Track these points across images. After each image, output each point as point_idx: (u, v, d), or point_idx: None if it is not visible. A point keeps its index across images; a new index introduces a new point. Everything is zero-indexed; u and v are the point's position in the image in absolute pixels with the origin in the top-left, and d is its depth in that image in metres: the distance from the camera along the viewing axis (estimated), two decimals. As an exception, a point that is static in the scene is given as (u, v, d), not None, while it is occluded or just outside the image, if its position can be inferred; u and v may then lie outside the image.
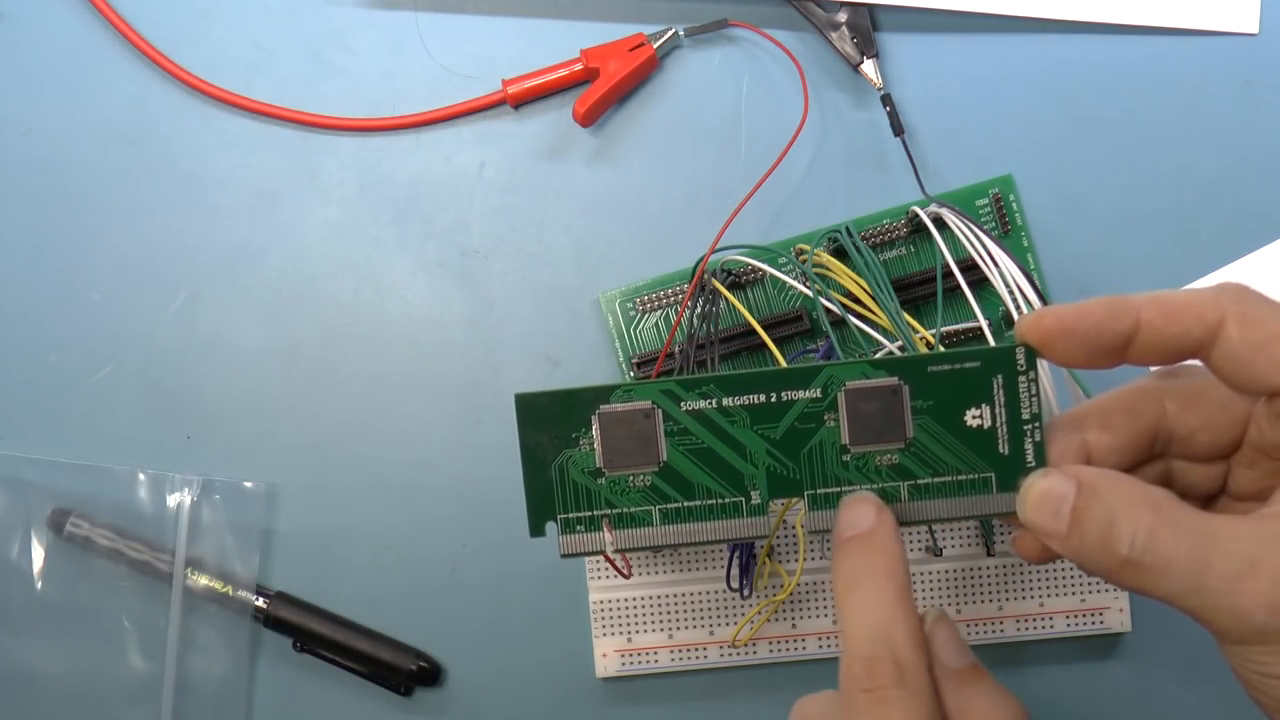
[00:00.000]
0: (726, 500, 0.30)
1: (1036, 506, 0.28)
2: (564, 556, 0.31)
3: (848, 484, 0.30)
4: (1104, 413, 0.29)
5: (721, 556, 0.45)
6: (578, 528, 0.31)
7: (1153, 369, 0.30)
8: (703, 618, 0.45)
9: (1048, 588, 0.45)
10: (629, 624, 0.45)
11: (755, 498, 0.30)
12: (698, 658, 0.45)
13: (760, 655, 0.45)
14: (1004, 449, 0.30)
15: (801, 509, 0.44)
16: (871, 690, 0.27)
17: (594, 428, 0.30)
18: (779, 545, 0.45)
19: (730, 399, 0.30)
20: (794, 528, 0.44)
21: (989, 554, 0.44)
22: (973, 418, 0.30)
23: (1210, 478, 0.30)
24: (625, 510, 0.31)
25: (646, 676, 0.46)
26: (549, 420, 0.30)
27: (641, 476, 0.30)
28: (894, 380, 0.30)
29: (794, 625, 0.45)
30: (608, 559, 0.43)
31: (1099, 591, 0.45)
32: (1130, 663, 0.46)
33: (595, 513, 0.31)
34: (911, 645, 0.27)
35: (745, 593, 0.43)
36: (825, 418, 0.30)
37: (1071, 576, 0.45)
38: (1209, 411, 0.29)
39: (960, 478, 0.30)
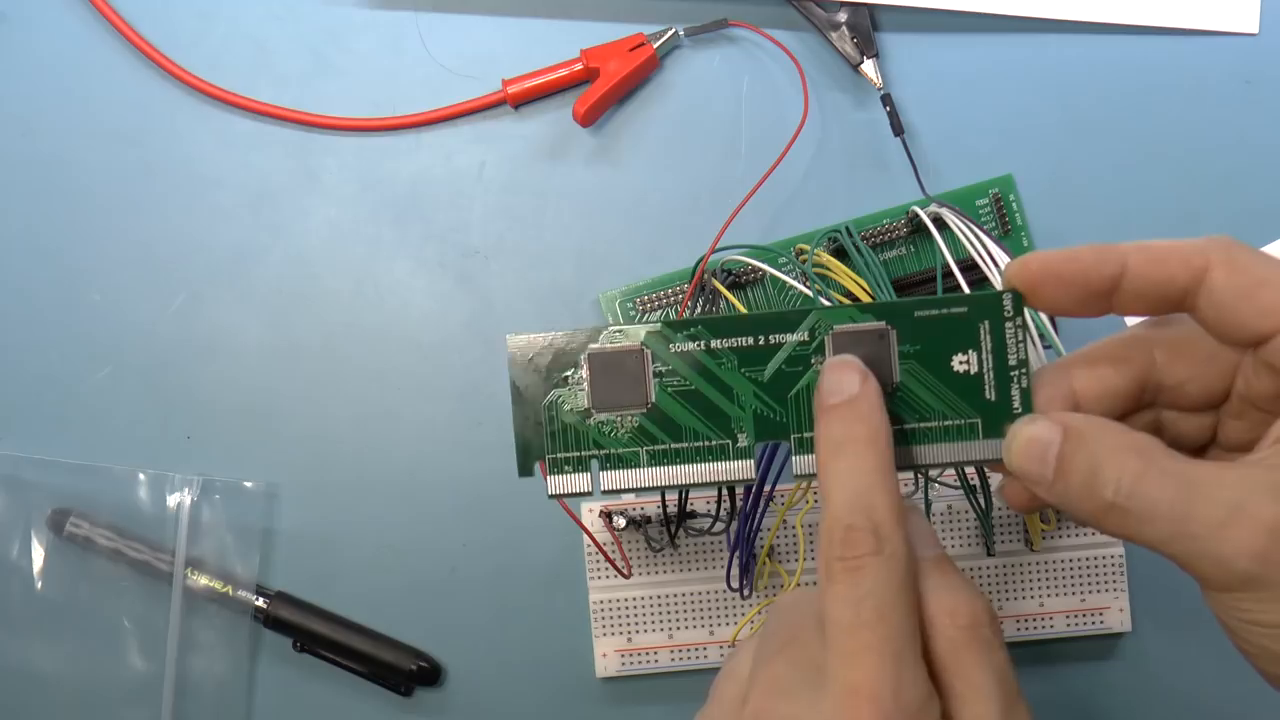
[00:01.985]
0: (713, 443, 0.30)
1: (1023, 452, 0.28)
2: (551, 497, 0.31)
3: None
4: (1091, 361, 0.29)
5: (721, 556, 0.45)
6: (566, 468, 0.30)
7: (1142, 319, 0.30)
8: (703, 618, 0.45)
9: (1048, 588, 0.45)
10: (629, 624, 0.45)
11: (742, 440, 0.30)
12: (698, 658, 0.45)
13: (760, 655, 0.45)
14: (990, 395, 0.29)
15: (804, 507, 0.44)
16: (848, 559, 0.27)
17: (583, 368, 0.30)
18: (779, 545, 0.45)
19: (718, 341, 0.30)
20: (794, 527, 0.44)
21: (989, 554, 0.44)
22: (959, 363, 0.29)
23: (1200, 428, 0.30)
24: (613, 451, 0.30)
25: (646, 676, 0.46)
26: (538, 359, 0.30)
27: (630, 417, 0.30)
28: (881, 324, 0.29)
29: (794, 625, 0.45)
30: (608, 559, 0.43)
31: (1099, 591, 0.45)
32: (1130, 663, 0.46)
33: (584, 453, 0.30)
34: (892, 515, 0.27)
35: (745, 593, 0.43)
36: (813, 361, 0.30)
37: (1071, 576, 0.45)
38: (1197, 362, 0.29)
39: (946, 423, 0.29)
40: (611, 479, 0.30)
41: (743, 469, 0.30)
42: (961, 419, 0.29)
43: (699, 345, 0.30)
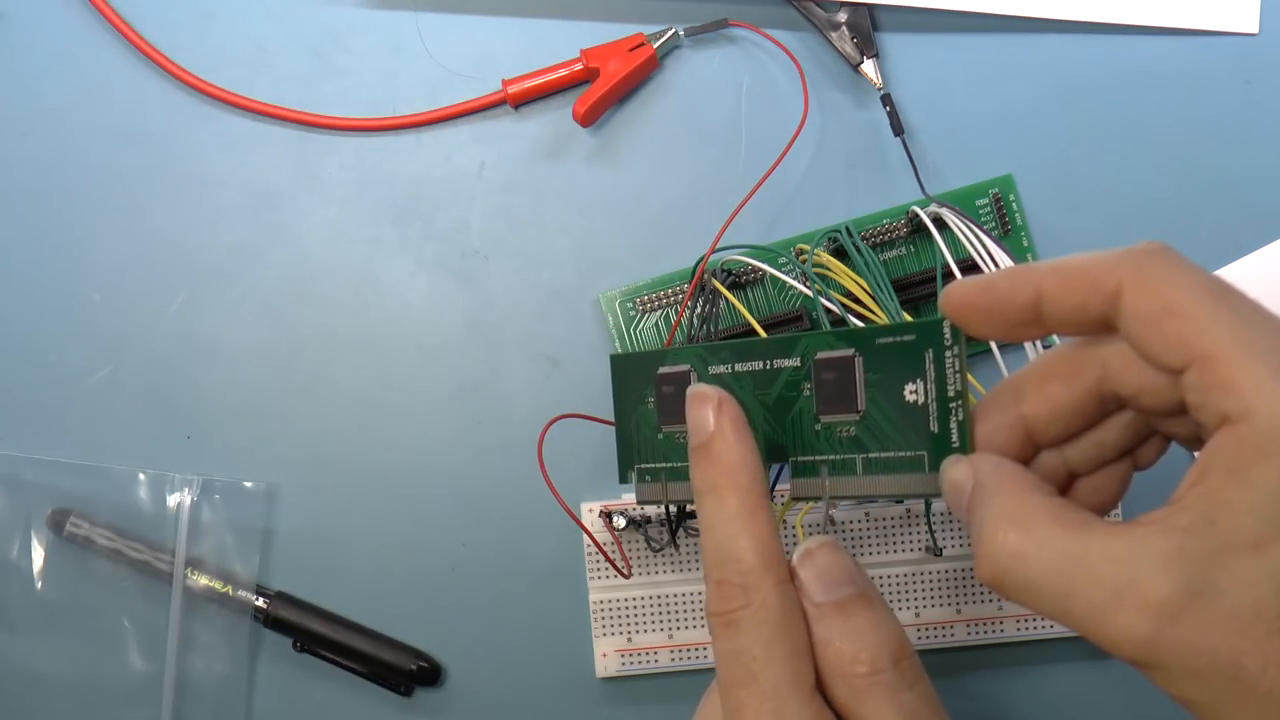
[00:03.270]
0: None
1: (948, 496, 0.26)
2: (640, 502, 0.33)
3: (818, 454, 0.30)
4: (1042, 379, 0.27)
5: (721, 556, 0.45)
6: (647, 477, 0.33)
7: None
8: (702, 618, 0.45)
9: (1048, 588, 0.45)
10: (629, 624, 0.45)
11: None
12: (698, 658, 0.45)
13: (760, 655, 0.45)
14: (934, 427, 0.28)
15: (803, 508, 0.44)
16: (719, 613, 0.26)
17: (654, 386, 0.33)
18: (779, 545, 0.45)
19: (740, 365, 0.31)
20: (794, 527, 0.44)
21: (989, 554, 0.44)
22: (910, 392, 0.28)
23: (1187, 424, 0.26)
24: (675, 465, 0.32)
25: (646, 676, 0.46)
26: (630, 377, 0.33)
27: (683, 434, 0.32)
28: (850, 351, 0.29)
29: (794, 625, 0.45)
30: (608, 559, 0.43)
31: (1099, 591, 0.45)
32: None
33: (658, 465, 0.33)
34: (758, 562, 0.26)
35: (745, 593, 0.43)
36: (803, 386, 0.30)
37: (1071, 576, 0.45)
38: (1148, 374, 0.25)
39: (901, 454, 0.29)
40: (675, 490, 0.32)
41: None
42: (912, 451, 0.28)
43: (728, 369, 0.31)
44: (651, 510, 0.44)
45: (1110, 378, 0.26)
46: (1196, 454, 0.23)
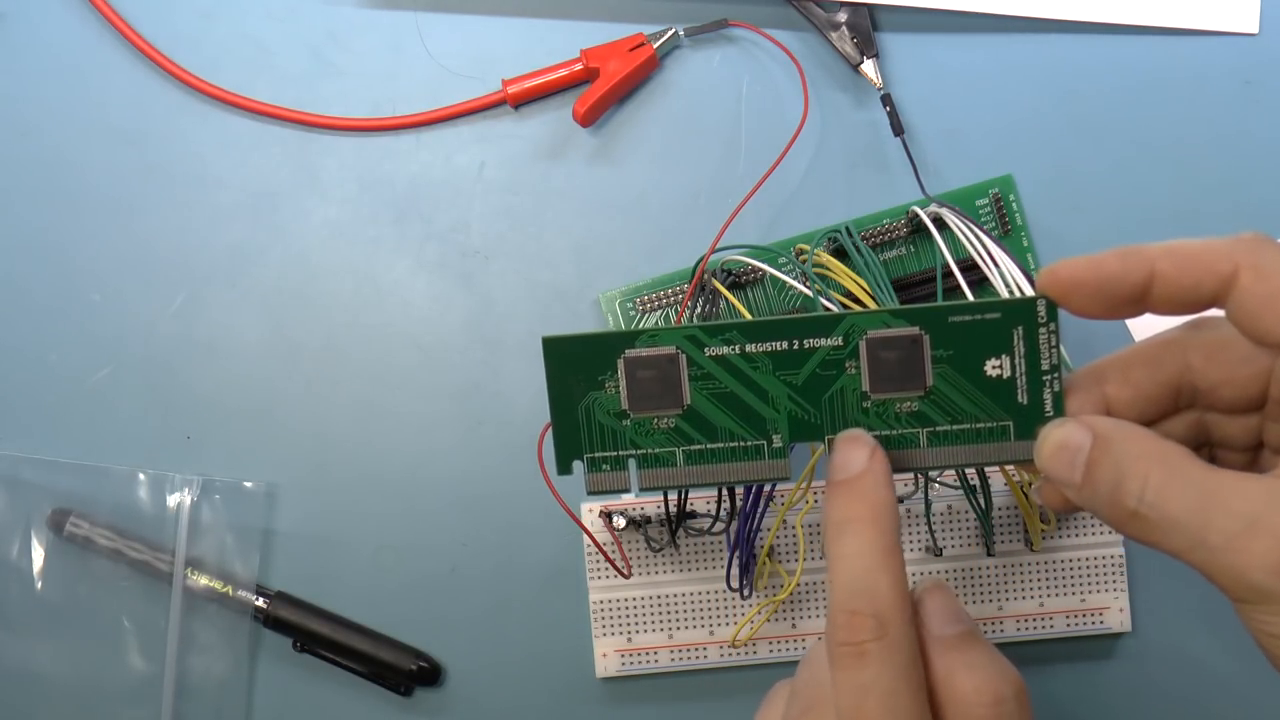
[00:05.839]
0: (749, 443, 0.31)
1: (1053, 455, 0.28)
2: (590, 494, 0.32)
3: (868, 430, 0.30)
4: (1125, 365, 0.29)
5: (721, 556, 0.45)
6: (604, 466, 0.31)
7: (1180, 320, 0.30)
8: (703, 618, 0.45)
9: (1048, 588, 0.45)
10: (629, 624, 0.45)
11: (777, 441, 0.31)
12: (698, 658, 0.45)
13: (760, 655, 0.45)
14: (1023, 398, 0.30)
15: (803, 508, 0.44)
16: (850, 644, 0.27)
17: (619, 371, 0.31)
18: (779, 545, 0.45)
19: (753, 345, 0.31)
20: (794, 527, 0.44)
21: (989, 554, 0.44)
22: (992, 367, 0.30)
23: (1245, 430, 0.29)
24: (650, 451, 0.31)
25: (646, 676, 0.46)
26: (575, 363, 0.31)
27: (665, 419, 0.31)
28: (915, 330, 0.30)
29: (794, 625, 0.45)
30: (608, 559, 0.43)
31: (1099, 591, 0.45)
32: (1130, 663, 0.46)
33: (620, 453, 0.31)
34: (894, 598, 0.27)
35: (745, 593, 0.43)
36: (846, 365, 0.30)
37: (1071, 576, 0.45)
38: (1231, 365, 0.28)
39: (979, 425, 0.30)
40: (649, 477, 0.31)
41: (777, 468, 0.31)
42: (994, 421, 0.30)
43: (734, 349, 0.31)
44: (651, 510, 0.44)
45: (1192, 369, 0.29)
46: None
